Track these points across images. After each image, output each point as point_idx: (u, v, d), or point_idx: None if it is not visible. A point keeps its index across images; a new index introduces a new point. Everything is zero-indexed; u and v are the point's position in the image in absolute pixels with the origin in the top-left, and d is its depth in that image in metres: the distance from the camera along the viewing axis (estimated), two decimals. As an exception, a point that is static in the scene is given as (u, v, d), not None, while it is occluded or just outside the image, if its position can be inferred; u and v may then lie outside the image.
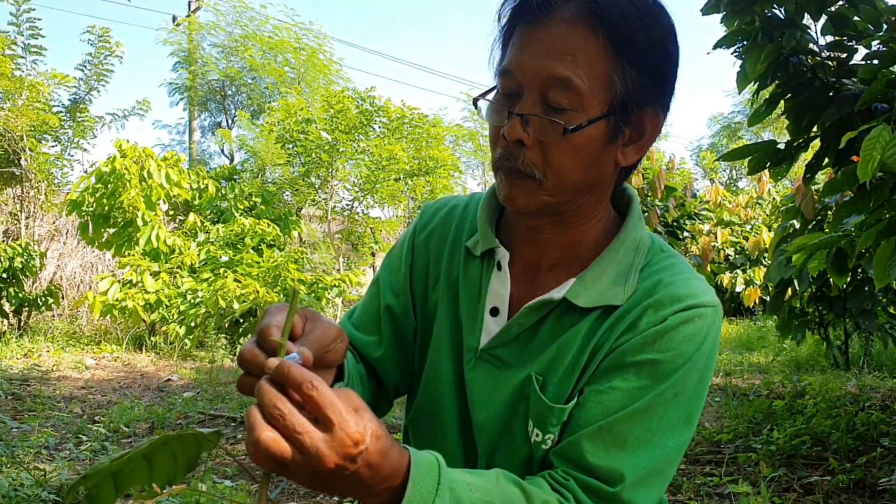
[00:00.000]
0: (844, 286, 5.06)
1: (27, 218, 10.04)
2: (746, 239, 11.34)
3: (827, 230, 3.40)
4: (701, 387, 0.92)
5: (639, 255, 0.96)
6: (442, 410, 1.02)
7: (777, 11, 2.98)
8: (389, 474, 0.73)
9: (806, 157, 3.46)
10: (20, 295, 8.80)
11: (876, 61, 2.82)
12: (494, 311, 0.99)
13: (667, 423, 0.89)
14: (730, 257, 11.60)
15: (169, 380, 6.84)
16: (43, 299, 9.06)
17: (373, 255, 13.84)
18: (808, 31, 2.97)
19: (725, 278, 10.86)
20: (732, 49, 3.07)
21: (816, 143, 3.16)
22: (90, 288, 10.16)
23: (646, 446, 0.88)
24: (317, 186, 12.55)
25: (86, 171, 9.78)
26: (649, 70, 0.88)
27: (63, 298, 9.91)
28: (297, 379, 0.66)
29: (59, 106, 10.54)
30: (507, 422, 0.97)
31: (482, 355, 0.98)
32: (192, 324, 8.40)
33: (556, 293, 0.94)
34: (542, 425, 0.92)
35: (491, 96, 0.94)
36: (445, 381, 1.02)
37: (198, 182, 10.09)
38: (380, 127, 12.12)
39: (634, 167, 0.97)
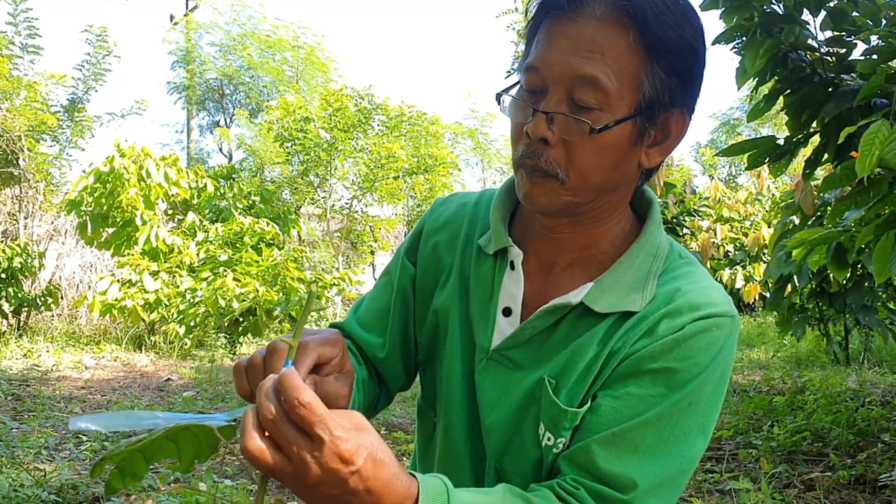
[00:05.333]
0: (844, 282, 5.05)
1: (26, 218, 10.03)
2: (746, 235, 11.34)
3: (827, 225, 3.40)
4: (716, 397, 0.91)
5: (657, 260, 0.94)
6: (451, 411, 1.01)
7: (776, 7, 2.98)
8: (394, 503, 0.72)
9: (805, 152, 3.45)
10: (19, 295, 8.79)
11: (875, 56, 2.81)
12: (507, 312, 0.97)
13: (680, 433, 0.88)
14: (729, 253, 11.61)
15: (169, 379, 6.84)
16: (42, 299, 9.06)
17: (372, 253, 13.84)
18: (807, 26, 2.96)
19: (725, 275, 10.87)
20: (731, 45, 3.06)
21: (816, 139, 3.16)
22: (89, 288, 10.16)
23: (658, 455, 0.87)
24: (315, 185, 12.55)
25: (84, 171, 9.76)
26: (678, 72, 0.87)
27: (62, 298, 9.90)
28: (288, 394, 0.66)
29: (56, 106, 10.52)
30: (516, 424, 0.95)
31: (494, 356, 0.96)
32: (192, 323, 8.39)
33: (574, 297, 0.92)
34: (555, 429, 0.91)
35: (514, 92, 0.91)
36: (456, 382, 1.00)
37: (196, 181, 10.09)
38: (378, 125, 12.13)
39: (657, 169, 0.95)
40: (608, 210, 0.94)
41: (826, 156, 3.10)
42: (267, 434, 0.67)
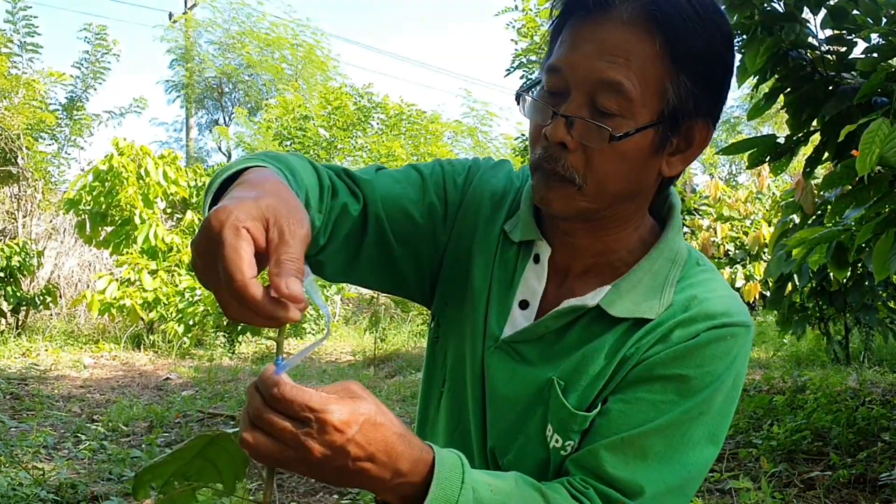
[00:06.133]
0: (844, 281, 5.04)
1: (24, 217, 10.02)
2: (746, 234, 11.33)
3: (827, 224, 3.39)
4: (727, 406, 0.90)
5: (675, 267, 0.93)
6: (465, 388, 1.00)
7: (776, 5, 2.97)
8: (406, 468, 0.72)
9: (805, 151, 3.45)
10: (18, 294, 8.78)
11: (875, 54, 2.80)
12: (524, 304, 0.96)
13: (688, 441, 0.87)
14: (729, 252, 11.58)
15: (167, 378, 6.83)
16: (41, 298, 9.05)
17: (371, 251, 13.81)
18: (808, 24, 2.95)
19: (725, 273, 10.85)
20: (731, 43, 3.05)
21: (816, 137, 3.15)
22: (88, 286, 10.14)
23: (666, 462, 0.86)
24: (315, 183, 12.53)
25: (83, 170, 9.76)
26: (704, 80, 0.85)
27: (61, 297, 9.89)
28: (263, 389, 0.66)
29: (55, 104, 10.52)
30: (522, 422, 0.94)
31: (502, 345, 0.96)
32: (191, 322, 8.39)
33: (591, 300, 0.91)
34: (564, 431, 0.90)
35: (535, 92, 0.89)
36: (475, 358, 0.99)
37: (195, 179, 10.07)
38: (378, 123, 12.12)
39: (678, 177, 0.94)
40: (626, 217, 0.93)
41: (826, 154, 3.09)
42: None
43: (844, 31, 2.95)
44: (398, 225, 0.99)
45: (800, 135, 3.10)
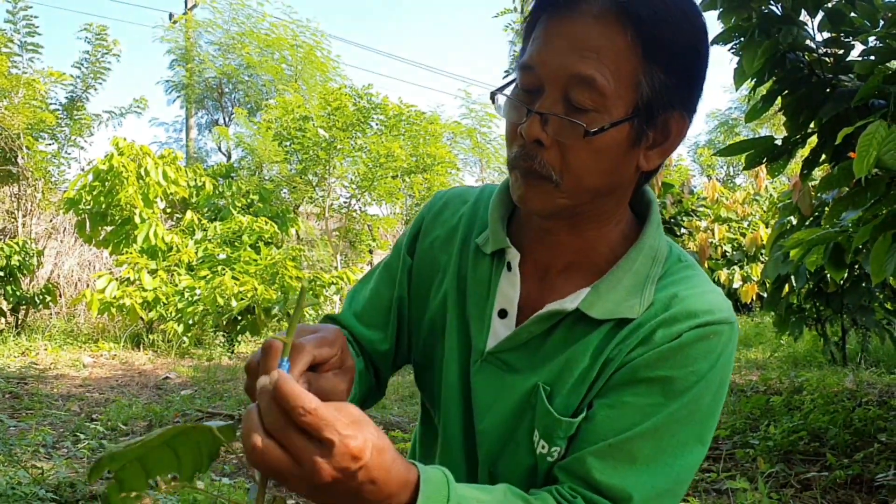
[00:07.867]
0: (842, 282, 5.06)
1: (24, 216, 10.03)
2: (744, 235, 11.35)
3: (824, 226, 3.40)
4: (714, 406, 0.89)
5: (656, 264, 0.92)
6: (447, 413, 1.00)
7: (774, 8, 2.98)
8: (395, 490, 0.70)
9: (803, 153, 3.46)
10: (17, 293, 8.79)
11: (872, 57, 2.82)
12: (503, 313, 0.95)
13: (677, 443, 0.86)
14: (727, 254, 11.62)
15: (167, 378, 6.83)
16: (40, 297, 9.05)
17: (370, 252, 13.83)
18: (805, 27, 2.96)
19: (723, 275, 10.89)
20: (730, 45, 3.07)
21: (813, 140, 3.16)
22: (88, 286, 10.14)
23: (655, 465, 0.85)
24: (314, 184, 12.55)
25: (83, 169, 9.78)
26: (678, 72, 0.84)
27: (61, 296, 9.89)
28: (289, 403, 0.63)
29: (55, 104, 10.52)
30: (511, 431, 0.94)
31: (488, 358, 0.95)
32: (190, 321, 8.39)
33: (570, 303, 0.90)
34: (549, 437, 0.89)
35: (510, 91, 0.89)
36: (452, 383, 0.98)
37: (195, 180, 10.09)
38: (377, 124, 12.10)
39: (656, 171, 0.92)
40: (606, 213, 0.92)
41: (824, 156, 3.11)
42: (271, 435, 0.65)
43: (842, 34, 2.96)
44: (390, 327, 1.08)
45: (797, 137, 3.11)
